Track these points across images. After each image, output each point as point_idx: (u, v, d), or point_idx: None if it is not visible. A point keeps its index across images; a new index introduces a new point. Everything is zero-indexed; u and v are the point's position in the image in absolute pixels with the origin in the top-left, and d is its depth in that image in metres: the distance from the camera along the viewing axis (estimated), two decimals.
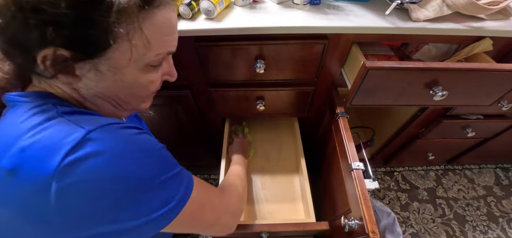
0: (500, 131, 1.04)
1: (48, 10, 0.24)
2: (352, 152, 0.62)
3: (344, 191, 0.62)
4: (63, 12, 0.24)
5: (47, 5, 0.24)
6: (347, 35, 0.62)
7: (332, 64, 0.71)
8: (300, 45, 0.62)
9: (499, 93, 0.61)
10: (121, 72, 0.31)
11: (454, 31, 0.59)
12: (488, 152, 1.22)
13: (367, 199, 0.53)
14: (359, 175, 0.57)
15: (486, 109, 0.90)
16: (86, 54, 0.28)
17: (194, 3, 0.59)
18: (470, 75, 0.55)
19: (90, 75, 0.30)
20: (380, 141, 1.19)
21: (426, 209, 1.27)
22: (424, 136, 1.02)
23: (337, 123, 0.70)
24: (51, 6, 0.24)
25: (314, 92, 0.79)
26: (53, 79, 0.30)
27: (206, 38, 0.61)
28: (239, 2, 0.64)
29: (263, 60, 0.65)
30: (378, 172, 1.40)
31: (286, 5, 0.65)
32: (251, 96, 0.79)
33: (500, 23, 0.60)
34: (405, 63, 0.54)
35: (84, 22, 0.25)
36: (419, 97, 0.62)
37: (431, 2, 0.59)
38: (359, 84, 0.58)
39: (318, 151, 1.00)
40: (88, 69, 0.29)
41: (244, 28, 0.58)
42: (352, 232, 0.55)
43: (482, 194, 1.33)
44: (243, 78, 0.72)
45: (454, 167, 1.44)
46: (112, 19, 0.26)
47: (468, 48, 0.64)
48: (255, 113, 0.86)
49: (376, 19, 0.60)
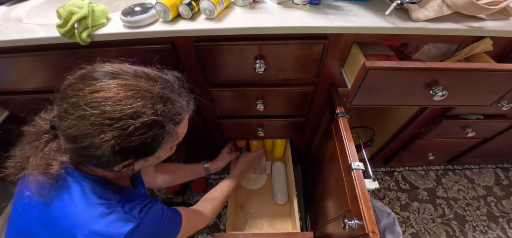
0: (500, 131, 1.04)
1: (128, 148, 0.38)
2: (352, 152, 0.62)
3: (344, 191, 0.62)
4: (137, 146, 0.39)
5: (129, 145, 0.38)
6: (347, 35, 0.62)
7: (332, 64, 0.71)
8: (300, 45, 0.62)
9: (499, 93, 0.61)
10: (161, 157, 0.47)
11: (454, 31, 0.59)
12: (488, 152, 1.22)
13: (367, 199, 0.53)
14: (359, 175, 0.57)
15: (486, 109, 0.90)
16: (145, 157, 0.43)
17: (194, 3, 0.59)
18: (470, 75, 0.55)
19: (140, 165, 0.45)
20: (380, 141, 1.19)
21: (426, 209, 1.27)
22: (424, 136, 1.02)
23: (337, 123, 0.70)
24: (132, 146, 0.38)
25: (314, 92, 0.79)
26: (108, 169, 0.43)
27: (206, 38, 0.61)
28: (239, 2, 0.64)
29: (263, 60, 0.65)
30: (378, 172, 1.40)
31: (286, 5, 0.65)
32: (251, 96, 0.79)
33: (500, 23, 0.60)
34: (405, 63, 0.54)
35: (147, 147, 0.41)
36: (419, 97, 0.62)
37: (431, 2, 0.59)
38: (359, 84, 0.58)
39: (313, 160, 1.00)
40: (141, 163, 0.45)
41: (244, 28, 0.58)
42: (352, 232, 0.55)
43: (482, 194, 1.33)
44: (243, 78, 0.72)
45: (454, 167, 1.44)
46: (163, 139, 0.42)
47: (468, 48, 0.64)
48: (255, 114, 0.86)
49: (376, 19, 0.60)
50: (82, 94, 0.36)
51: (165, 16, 0.58)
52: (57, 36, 0.57)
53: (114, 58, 0.64)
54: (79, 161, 0.42)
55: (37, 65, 0.67)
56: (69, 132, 0.37)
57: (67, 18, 0.54)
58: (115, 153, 0.37)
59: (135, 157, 0.42)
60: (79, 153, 0.39)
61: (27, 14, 0.70)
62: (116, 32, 0.58)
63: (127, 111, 0.36)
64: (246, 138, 1.12)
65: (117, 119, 0.36)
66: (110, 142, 0.36)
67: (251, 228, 1.07)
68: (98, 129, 0.35)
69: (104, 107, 0.35)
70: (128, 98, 0.37)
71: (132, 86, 0.38)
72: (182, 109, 0.44)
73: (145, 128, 0.38)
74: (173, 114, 0.42)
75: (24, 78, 0.72)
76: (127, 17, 0.57)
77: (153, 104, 0.38)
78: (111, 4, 0.77)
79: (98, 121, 0.35)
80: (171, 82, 0.45)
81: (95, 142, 0.36)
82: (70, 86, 0.38)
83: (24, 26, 0.63)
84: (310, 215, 1.12)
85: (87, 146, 0.37)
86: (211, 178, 1.37)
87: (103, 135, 0.35)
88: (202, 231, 1.17)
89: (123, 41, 0.61)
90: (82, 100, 0.36)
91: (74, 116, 0.36)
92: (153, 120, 0.38)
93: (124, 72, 0.40)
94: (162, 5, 0.56)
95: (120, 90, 0.37)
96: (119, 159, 0.40)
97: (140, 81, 0.40)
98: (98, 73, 0.39)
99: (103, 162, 0.39)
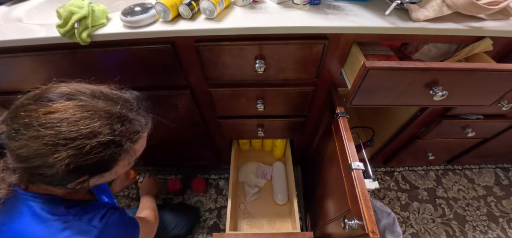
0: (500, 131, 1.04)
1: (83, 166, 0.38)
2: (352, 152, 0.62)
3: (344, 191, 0.62)
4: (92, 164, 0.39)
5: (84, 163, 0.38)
6: (347, 35, 0.62)
7: (332, 64, 0.71)
8: (300, 45, 0.62)
9: (499, 93, 0.61)
10: (117, 173, 0.47)
11: (454, 31, 0.59)
12: (488, 152, 1.22)
13: (367, 199, 0.53)
14: (359, 175, 0.57)
15: (486, 109, 0.90)
16: (101, 173, 0.44)
17: (194, 3, 0.59)
18: (470, 75, 0.55)
19: (95, 181, 0.46)
20: (380, 141, 1.19)
21: (426, 209, 1.27)
22: (424, 136, 1.02)
23: (337, 123, 0.70)
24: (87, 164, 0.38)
25: (314, 92, 0.79)
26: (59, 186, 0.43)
27: (206, 38, 0.61)
28: (239, 2, 0.64)
29: (263, 60, 0.65)
30: (378, 172, 1.40)
31: (286, 5, 0.65)
32: (251, 96, 0.79)
33: (500, 23, 0.60)
34: (405, 63, 0.54)
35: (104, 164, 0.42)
36: (419, 97, 0.62)
37: (431, 2, 0.59)
38: (359, 84, 0.58)
39: (313, 160, 1.00)
40: (97, 179, 0.45)
41: (244, 28, 0.58)
42: (352, 232, 0.55)
43: (482, 194, 1.33)
44: (243, 78, 0.72)
45: (454, 167, 1.44)
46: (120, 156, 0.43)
47: (468, 48, 0.64)
48: (255, 114, 0.86)
49: (376, 19, 0.60)
50: (35, 115, 0.36)
51: (165, 16, 0.58)
52: (57, 36, 0.57)
53: (114, 58, 0.65)
54: (30, 180, 0.41)
55: (37, 65, 0.67)
56: (19, 152, 0.36)
57: (67, 18, 0.54)
58: (69, 171, 0.37)
59: (91, 174, 0.42)
60: (31, 172, 0.38)
61: (27, 14, 0.70)
62: (116, 32, 0.58)
63: (83, 131, 0.36)
64: (246, 138, 1.12)
65: (73, 139, 0.36)
66: (64, 161, 0.36)
67: (251, 228, 1.07)
68: (52, 148, 0.35)
69: (59, 128, 0.35)
70: (85, 119, 0.37)
71: (88, 107, 0.38)
72: (140, 128, 0.45)
73: (101, 146, 0.38)
74: (131, 133, 0.43)
75: (24, 78, 0.72)
76: (127, 17, 0.57)
77: (111, 124, 0.39)
78: (111, 4, 0.77)
79: (52, 141, 0.35)
80: (130, 101, 0.46)
81: (48, 161, 0.36)
82: (23, 106, 0.38)
83: (24, 26, 0.63)
84: (310, 215, 1.12)
85: (39, 165, 0.36)
86: (211, 177, 1.37)
87: (57, 154, 0.35)
88: (202, 231, 1.18)
89: (123, 41, 0.61)
90: (36, 121, 0.35)
91: (26, 137, 0.35)
92: (110, 139, 0.39)
93: (80, 93, 0.40)
94: (162, 5, 0.56)
95: (76, 111, 0.37)
96: (73, 177, 0.39)
97: (97, 102, 0.40)
98: (53, 94, 0.39)
99: (56, 180, 0.39)
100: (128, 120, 0.42)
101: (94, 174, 0.43)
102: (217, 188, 1.33)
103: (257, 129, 0.96)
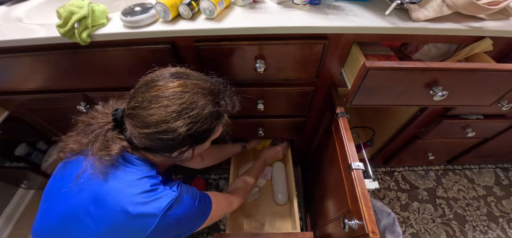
0: (500, 131, 1.04)
1: (195, 133, 0.47)
2: (352, 152, 0.62)
3: (344, 191, 0.62)
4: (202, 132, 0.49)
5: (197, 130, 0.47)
6: (347, 35, 0.62)
7: (332, 64, 0.71)
8: (300, 45, 0.62)
9: (499, 93, 0.61)
10: (210, 142, 0.57)
11: (454, 31, 0.59)
12: (488, 152, 1.22)
13: (367, 199, 0.53)
14: (359, 175, 0.57)
15: (486, 109, 0.90)
16: (203, 142, 0.54)
17: (194, 3, 0.59)
18: (470, 75, 0.55)
19: (198, 149, 0.55)
20: (380, 141, 1.19)
21: (426, 209, 1.27)
22: (424, 136, 1.02)
23: (337, 123, 0.70)
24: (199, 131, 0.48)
25: (314, 92, 0.79)
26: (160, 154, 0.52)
27: (206, 38, 0.62)
28: (239, 2, 0.64)
29: (263, 60, 0.65)
30: (378, 172, 1.40)
31: (286, 5, 0.65)
32: (251, 96, 0.79)
33: (500, 23, 0.60)
34: (405, 63, 0.54)
35: (208, 133, 0.52)
36: (419, 97, 0.62)
37: (431, 2, 0.59)
38: (359, 84, 0.58)
39: (313, 160, 1.00)
40: (198, 148, 0.55)
41: (244, 28, 0.58)
42: (352, 232, 0.55)
43: (482, 194, 1.33)
44: (243, 78, 0.72)
45: (454, 167, 1.44)
46: (218, 126, 0.54)
47: (468, 48, 0.64)
48: (255, 114, 0.86)
49: (376, 19, 0.60)
50: (162, 88, 0.46)
51: (165, 16, 0.58)
52: (57, 36, 0.57)
53: (114, 58, 0.65)
54: (149, 144, 0.48)
55: (37, 65, 0.67)
56: (150, 118, 0.44)
57: (67, 18, 0.54)
58: (186, 137, 0.46)
59: (198, 141, 0.51)
60: (153, 137, 0.46)
61: (27, 14, 0.70)
62: (116, 32, 0.58)
63: (199, 103, 0.46)
64: (246, 138, 1.12)
65: (191, 109, 0.46)
66: (185, 127, 0.45)
67: (251, 228, 1.07)
68: (176, 116, 0.44)
69: (181, 100, 0.45)
70: (198, 94, 0.47)
71: (199, 85, 0.48)
72: (230, 107, 0.56)
73: (210, 116, 0.48)
74: (225, 108, 0.53)
75: (24, 78, 0.72)
76: (127, 17, 0.57)
77: (215, 100, 0.50)
78: (111, 4, 0.77)
79: (177, 110, 0.44)
80: (223, 84, 0.56)
81: (171, 126, 0.44)
82: (149, 82, 0.48)
83: (24, 26, 0.63)
84: (310, 215, 1.12)
85: (165, 130, 0.45)
86: (211, 177, 1.37)
87: (180, 121, 0.45)
88: (202, 231, 1.17)
89: (123, 41, 0.61)
90: (163, 94, 0.45)
91: (157, 106, 0.44)
92: (215, 110, 0.49)
93: (190, 74, 0.50)
94: (162, 5, 0.56)
95: (193, 88, 0.47)
96: (187, 142, 0.49)
97: (203, 82, 0.50)
98: (171, 73, 0.49)
99: (170, 145, 0.47)
100: (224, 98, 0.54)
101: (200, 142, 0.52)
102: (217, 188, 1.33)
103: (257, 128, 0.96)
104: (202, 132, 0.48)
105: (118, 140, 0.49)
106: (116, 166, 0.48)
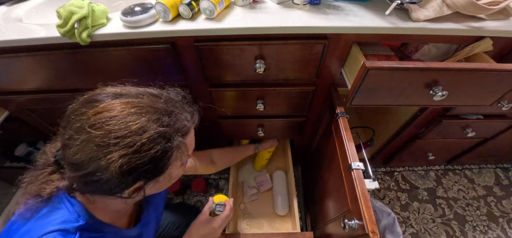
0: (500, 131, 1.04)
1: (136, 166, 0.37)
2: (352, 152, 0.62)
3: (344, 191, 0.62)
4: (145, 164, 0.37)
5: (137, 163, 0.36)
6: (347, 35, 0.62)
7: (332, 64, 0.71)
8: (300, 45, 0.62)
9: (499, 93, 0.61)
10: (172, 176, 0.46)
11: (454, 31, 0.59)
12: (488, 152, 1.22)
13: (367, 199, 0.53)
14: (359, 175, 0.57)
15: (486, 109, 0.90)
16: (155, 176, 0.42)
17: (194, 3, 0.59)
18: (470, 75, 0.55)
19: (151, 188, 0.44)
20: (380, 141, 1.19)
21: (426, 209, 1.27)
22: (424, 136, 1.02)
23: (337, 123, 0.70)
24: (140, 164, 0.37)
25: (314, 92, 0.79)
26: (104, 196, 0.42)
27: (206, 38, 0.61)
28: (239, 2, 0.64)
29: (263, 60, 0.65)
30: (378, 172, 1.40)
31: (286, 5, 0.65)
32: (251, 96, 0.79)
33: (500, 23, 0.60)
34: (405, 63, 0.54)
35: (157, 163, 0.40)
36: (419, 97, 0.62)
37: (431, 2, 0.59)
38: (359, 84, 0.58)
39: (313, 160, 1.00)
40: (152, 185, 0.43)
41: (244, 28, 0.58)
42: (352, 232, 0.55)
43: (482, 194, 1.33)
44: (243, 78, 0.72)
45: (454, 167, 1.44)
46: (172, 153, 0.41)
47: (468, 48, 0.64)
48: (255, 114, 0.86)
49: (376, 19, 0.60)
50: (85, 117, 0.36)
51: (165, 16, 0.58)
52: (57, 36, 0.57)
53: (114, 58, 0.65)
54: (87, 190, 0.41)
55: (37, 65, 0.67)
56: (74, 158, 0.36)
57: (67, 18, 0.54)
58: (123, 174, 0.36)
59: (145, 177, 0.40)
60: (86, 180, 0.37)
61: (27, 14, 0.70)
62: (116, 32, 0.58)
63: (132, 127, 0.36)
64: (246, 137, 1.12)
65: (123, 137, 0.35)
66: (117, 161, 0.35)
67: (251, 228, 1.07)
68: (104, 149, 0.35)
69: (109, 127, 0.35)
70: (132, 115, 0.37)
71: (134, 104, 0.38)
72: (187, 121, 0.45)
73: (152, 142, 0.37)
74: (179, 127, 0.42)
75: (24, 78, 0.72)
76: (127, 17, 0.57)
77: (158, 119, 0.39)
78: (111, 4, 0.77)
79: (104, 142, 0.35)
80: (174, 96, 0.46)
81: (101, 164, 0.35)
82: (73, 112, 0.38)
83: (24, 26, 0.63)
84: (310, 215, 1.12)
85: (94, 171, 0.35)
86: (211, 177, 1.37)
87: (110, 155, 0.35)
88: None
89: (123, 41, 0.61)
90: (86, 123, 0.36)
91: (79, 141, 0.35)
92: (159, 132, 0.38)
93: (126, 92, 0.40)
94: (162, 5, 0.56)
95: (123, 108, 0.37)
96: (128, 181, 0.38)
97: (142, 98, 0.40)
98: (101, 95, 0.39)
99: (111, 186, 0.38)
100: (174, 113, 0.42)
101: (148, 178, 0.41)
102: (217, 188, 1.33)
103: (257, 128, 0.96)
104: (149, 161, 0.37)
105: (57, 180, 0.42)
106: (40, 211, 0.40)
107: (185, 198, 1.30)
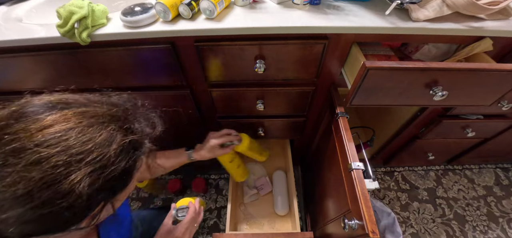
0: (500, 131, 1.04)
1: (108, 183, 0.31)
2: (352, 152, 0.62)
3: (344, 191, 0.62)
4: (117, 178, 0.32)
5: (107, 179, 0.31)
6: (347, 35, 0.62)
7: (332, 64, 0.71)
8: (300, 45, 0.62)
9: (499, 93, 0.61)
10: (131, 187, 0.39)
11: (454, 31, 0.59)
12: (488, 152, 1.22)
13: (367, 199, 0.53)
14: (359, 175, 0.57)
15: (486, 109, 0.90)
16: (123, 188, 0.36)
17: (194, 3, 0.59)
18: (470, 75, 0.55)
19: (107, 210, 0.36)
20: (380, 141, 1.19)
21: (426, 209, 1.27)
22: (424, 136, 1.02)
23: (337, 123, 0.70)
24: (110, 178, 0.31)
25: (314, 92, 0.79)
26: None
27: (206, 38, 0.62)
28: (239, 2, 0.64)
29: (263, 60, 0.65)
30: (378, 172, 1.40)
31: (286, 5, 0.65)
32: (251, 96, 0.79)
33: (500, 23, 0.60)
34: (405, 63, 0.54)
35: (129, 174, 0.35)
36: (419, 97, 0.62)
37: (431, 2, 0.59)
38: (359, 84, 0.58)
39: (313, 160, 1.00)
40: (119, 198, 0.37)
41: (244, 28, 0.58)
42: (352, 232, 0.55)
43: (482, 194, 1.33)
44: (243, 78, 0.72)
45: (454, 167, 1.44)
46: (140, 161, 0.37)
47: (468, 48, 0.64)
48: (255, 114, 0.86)
49: (376, 19, 0.60)
50: (26, 135, 0.28)
51: (165, 16, 0.58)
52: (57, 36, 0.57)
53: (114, 58, 0.65)
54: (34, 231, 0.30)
55: (37, 65, 0.67)
56: (13, 190, 0.27)
57: (67, 18, 0.54)
58: (92, 194, 0.30)
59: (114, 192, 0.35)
60: (37, 216, 0.28)
61: (27, 14, 0.70)
62: (116, 32, 0.58)
63: (97, 139, 0.31)
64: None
65: (88, 151, 0.30)
66: (85, 180, 0.29)
67: (251, 228, 1.07)
68: (64, 169, 0.28)
69: (67, 142, 0.29)
70: (93, 125, 0.31)
71: (91, 113, 0.33)
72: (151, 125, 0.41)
73: (122, 153, 0.33)
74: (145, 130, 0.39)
75: (24, 78, 0.72)
76: (127, 17, 0.57)
77: (122, 126, 0.34)
78: (111, 4, 0.77)
79: (63, 160, 0.28)
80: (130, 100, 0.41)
81: (61, 189, 0.28)
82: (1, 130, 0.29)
83: (24, 26, 0.63)
84: (310, 215, 1.12)
85: (51, 199, 0.28)
86: (211, 177, 1.37)
87: (73, 175, 0.28)
88: (202, 231, 1.18)
89: (123, 41, 0.61)
90: (30, 141, 0.28)
91: (21, 166, 0.27)
92: (127, 141, 0.34)
93: (73, 101, 0.34)
94: (162, 5, 0.56)
95: (80, 119, 0.31)
96: (94, 203, 0.32)
97: (96, 106, 0.35)
98: (38, 107, 0.31)
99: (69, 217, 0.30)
100: (137, 118, 0.38)
101: (118, 190, 0.35)
102: (217, 188, 1.33)
103: (257, 128, 0.96)
104: (119, 175, 0.33)
105: None
106: None
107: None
